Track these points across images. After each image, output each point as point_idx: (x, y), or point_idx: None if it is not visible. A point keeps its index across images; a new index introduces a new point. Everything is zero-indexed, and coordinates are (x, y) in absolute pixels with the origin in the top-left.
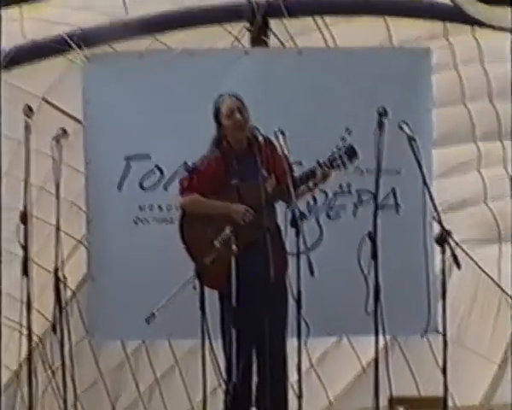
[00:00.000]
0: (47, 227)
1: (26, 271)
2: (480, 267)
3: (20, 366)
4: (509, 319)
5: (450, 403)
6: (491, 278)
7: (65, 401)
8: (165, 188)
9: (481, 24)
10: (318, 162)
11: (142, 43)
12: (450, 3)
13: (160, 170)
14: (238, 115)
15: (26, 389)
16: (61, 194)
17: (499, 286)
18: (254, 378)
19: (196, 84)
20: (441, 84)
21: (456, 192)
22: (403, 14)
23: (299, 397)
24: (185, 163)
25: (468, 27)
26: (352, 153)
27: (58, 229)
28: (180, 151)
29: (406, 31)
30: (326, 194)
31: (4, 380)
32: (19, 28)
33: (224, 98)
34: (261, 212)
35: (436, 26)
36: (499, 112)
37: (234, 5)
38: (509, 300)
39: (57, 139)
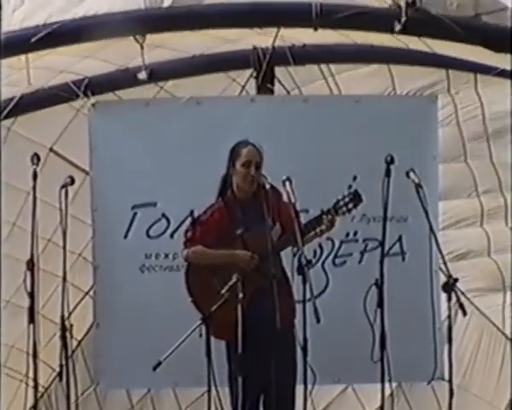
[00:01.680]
0: (54, 280)
1: (32, 319)
2: (484, 315)
3: None
4: (505, 349)
5: None
6: (496, 326)
7: None
8: (172, 236)
9: (484, 72)
10: (322, 210)
11: (148, 91)
12: (453, 55)
13: (167, 218)
14: (253, 169)
15: None
16: (68, 246)
17: (504, 333)
18: None
19: (203, 133)
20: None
21: (461, 243)
22: (406, 63)
23: None
24: (192, 212)
25: (471, 77)
26: (356, 198)
27: (64, 279)
28: (187, 199)
29: (410, 79)
30: (332, 242)
31: None
32: (25, 77)
33: (247, 145)
34: (267, 260)
35: (439, 76)
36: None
37: (240, 53)
38: None
39: (65, 187)
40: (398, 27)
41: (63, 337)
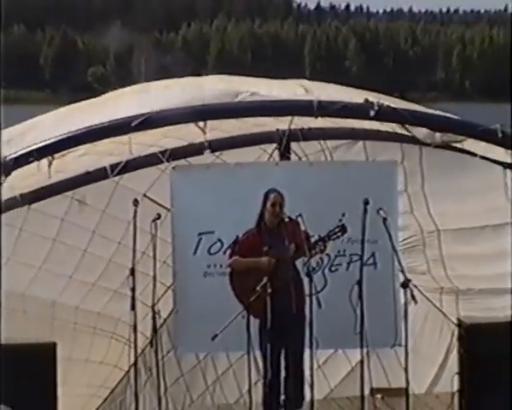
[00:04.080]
0: (147, 278)
1: (133, 305)
2: (429, 300)
3: (129, 368)
4: (448, 334)
5: (410, 392)
6: (436, 307)
7: (159, 390)
8: (224, 253)
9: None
10: (322, 236)
11: (208, 158)
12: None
13: (221, 241)
14: (278, 208)
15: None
16: (158, 257)
17: (441, 311)
18: (283, 375)
19: (245, 186)
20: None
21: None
22: (376, 140)
23: (311, 386)
24: (237, 237)
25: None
26: (343, 229)
27: (155, 278)
28: (234, 229)
29: (380, 151)
30: (329, 256)
31: (118, 378)
32: (127, 149)
33: (274, 192)
34: (287, 267)
35: (398, 148)
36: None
37: (268, 133)
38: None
39: (154, 220)
40: (372, 114)
41: (153, 317)
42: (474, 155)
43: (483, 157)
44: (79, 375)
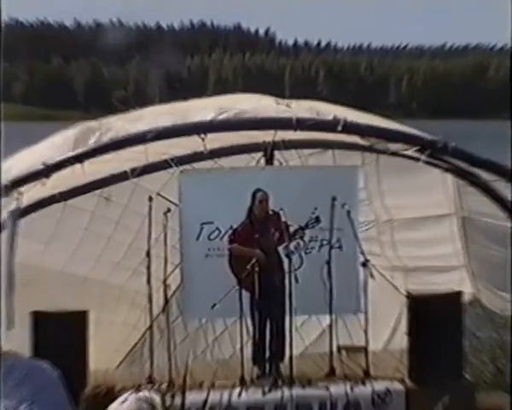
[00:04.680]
0: (160, 259)
1: (149, 280)
2: (384, 276)
3: (145, 330)
4: (399, 303)
5: (369, 349)
6: (390, 281)
7: (169, 347)
8: (221, 239)
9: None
10: (300, 226)
11: (208, 164)
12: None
13: (219, 230)
14: (264, 204)
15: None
16: (168, 242)
17: (393, 285)
18: (268, 336)
19: (238, 185)
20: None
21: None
22: (343, 149)
23: (290, 345)
24: (231, 226)
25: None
26: (318, 220)
27: (166, 259)
28: (229, 220)
29: (345, 157)
30: (304, 241)
31: (136, 338)
32: (144, 157)
33: (260, 191)
34: (271, 252)
35: (359, 156)
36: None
37: (256, 144)
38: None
39: (165, 213)
40: (339, 128)
41: (165, 290)
42: (418, 160)
43: (426, 162)
44: (106, 335)
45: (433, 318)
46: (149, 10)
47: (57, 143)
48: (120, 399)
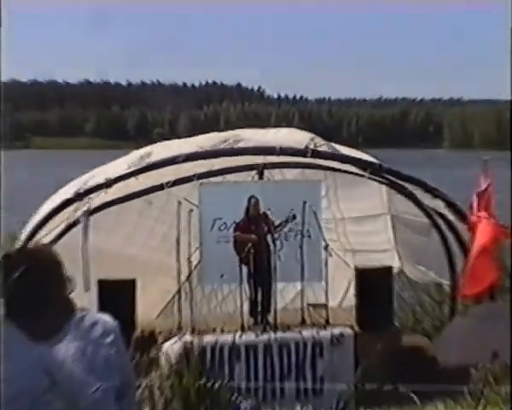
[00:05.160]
0: (185, 244)
1: (178, 258)
2: (339, 255)
3: (175, 293)
4: (350, 274)
5: (328, 305)
6: (343, 259)
7: (191, 303)
8: (228, 230)
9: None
10: (281, 221)
11: (219, 178)
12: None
13: (226, 224)
14: (257, 206)
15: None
16: (191, 232)
17: (345, 262)
18: (259, 297)
19: (239, 193)
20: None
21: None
22: (311, 168)
23: (275, 302)
24: (234, 221)
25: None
26: (294, 217)
27: (189, 244)
28: (233, 217)
29: (313, 175)
30: (284, 232)
31: (168, 298)
32: (173, 175)
33: (254, 197)
34: (262, 239)
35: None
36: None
37: (252, 165)
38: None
39: (189, 212)
40: (308, 155)
41: (189, 265)
42: (363, 176)
43: (368, 177)
44: (148, 296)
45: (372, 284)
46: (177, 72)
47: (117, 165)
48: (171, 341)
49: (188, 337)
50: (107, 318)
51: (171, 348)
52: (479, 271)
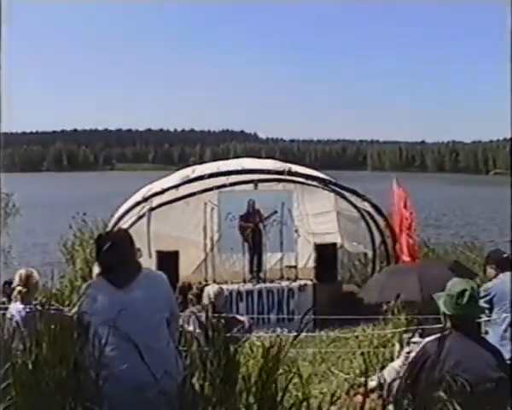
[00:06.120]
0: (209, 228)
1: (205, 237)
2: (304, 236)
3: (202, 261)
4: (310, 248)
5: (298, 266)
6: (306, 238)
7: (213, 266)
8: (236, 220)
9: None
10: (268, 215)
11: (230, 188)
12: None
13: (234, 216)
14: (254, 206)
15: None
16: (214, 220)
17: (308, 240)
18: (255, 261)
19: (243, 197)
20: None
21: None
22: (286, 181)
23: (265, 264)
24: (240, 215)
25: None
26: (276, 212)
27: (211, 230)
28: (239, 212)
29: (287, 186)
30: (271, 222)
31: (197, 263)
32: (199, 185)
33: (251, 200)
34: (256, 226)
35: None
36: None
37: (250, 180)
38: (312, 244)
39: (211, 209)
40: (285, 174)
41: (212, 241)
42: (319, 187)
43: (322, 188)
44: (186, 261)
45: (325, 254)
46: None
47: (168, 180)
48: (209, 286)
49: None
50: (161, 273)
51: (211, 289)
52: (402, 246)
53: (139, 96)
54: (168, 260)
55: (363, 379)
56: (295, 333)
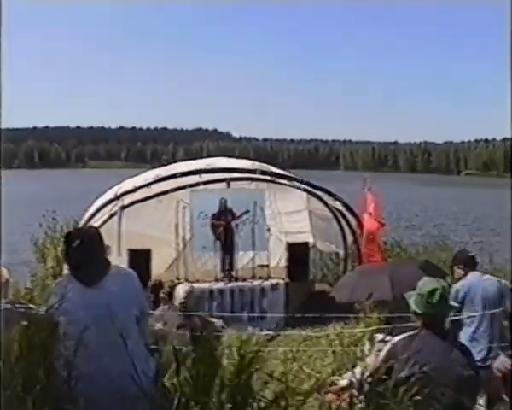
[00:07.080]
0: (181, 227)
1: (177, 236)
2: (276, 235)
3: (175, 258)
4: (283, 247)
5: (270, 265)
6: (278, 237)
7: (185, 264)
8: (208, 219)
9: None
10: (240, 214)
11: (202, 187)
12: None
13: (207, 215)
14: (226, 204)
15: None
16: (186, 220)
17: (280, 239)
18: (227, 260)
19: (215, 196)
20: None
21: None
22: (259, 181)
23: (237, 264)
24: (212, 213)
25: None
26: (248, 211)
27: (183, 228)
28: (211, 210)
29: (260, 185)
30: (243, 221)
31: (171, 261)
32: (172, 183)
33: (223, 199)
34: (228, 225)
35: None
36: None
37: (224, 179)
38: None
39: (183, 208)
40: (258, 173)
41: (184, 240)
42: (291, 186)
43: (294, 186)
44: (158, 259)
45: (297, 253)
46: (176, 119)
47: (140, 178)
48: (180, 285)
49: (187, 284)
50: (131, 272)
51: (182, 288)
52: (369, 251)
53: (111, 93)
54: (140, 259)
55: (334, 378)
56: (267, 332)
